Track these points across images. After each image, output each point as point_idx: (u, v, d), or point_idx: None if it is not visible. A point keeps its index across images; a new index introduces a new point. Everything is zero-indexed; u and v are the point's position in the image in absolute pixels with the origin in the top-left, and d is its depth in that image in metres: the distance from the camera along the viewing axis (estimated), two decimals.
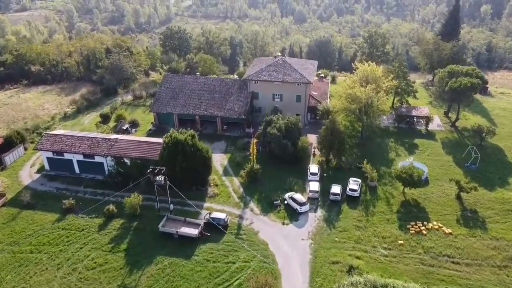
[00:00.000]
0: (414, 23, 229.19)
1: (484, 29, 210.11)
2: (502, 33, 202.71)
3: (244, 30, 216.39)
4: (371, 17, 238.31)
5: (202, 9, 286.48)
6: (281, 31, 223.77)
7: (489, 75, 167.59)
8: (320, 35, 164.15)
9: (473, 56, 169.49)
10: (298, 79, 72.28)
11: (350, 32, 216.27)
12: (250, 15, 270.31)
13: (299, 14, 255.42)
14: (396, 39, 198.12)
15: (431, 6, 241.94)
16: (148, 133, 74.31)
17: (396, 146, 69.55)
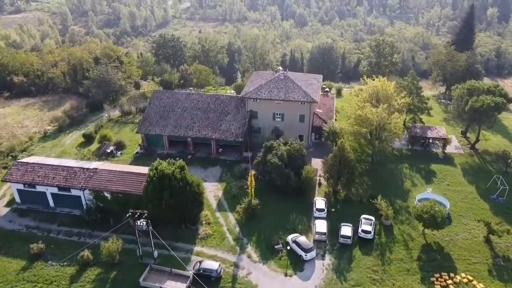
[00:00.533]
0: (418, 27, 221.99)
1: (492, 34, 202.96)
2: (510, 37, 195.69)
3: (243, 34, 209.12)
4: (374, 20, 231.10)
5: (200, 12, 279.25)
6: (282, 35, 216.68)
7: (499, 83, 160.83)
8: (322, 41, 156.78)
9: (482, 62, 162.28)
10: (301, 97, 64.93)
11: (352, 37, 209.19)
12: (250, 18, 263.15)
13: (300, 17, 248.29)
14: (401, 44, 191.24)
15: (435, 9, 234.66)
16: (135, 156, 66.97)
17: (411, 173, 62.21)
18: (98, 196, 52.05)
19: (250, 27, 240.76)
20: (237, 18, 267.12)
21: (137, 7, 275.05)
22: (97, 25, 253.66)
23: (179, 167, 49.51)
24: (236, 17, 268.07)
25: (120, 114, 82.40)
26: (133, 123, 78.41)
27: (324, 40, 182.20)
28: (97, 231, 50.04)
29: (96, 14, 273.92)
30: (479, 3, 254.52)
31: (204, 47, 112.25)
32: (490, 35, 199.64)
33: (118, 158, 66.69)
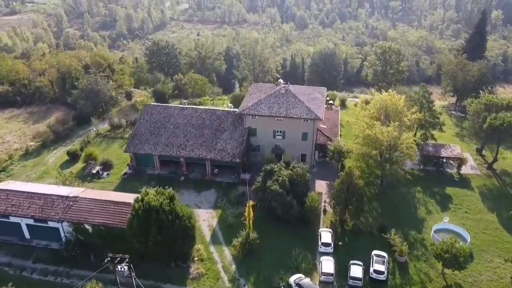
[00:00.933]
0: (422, 30, 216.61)
1: (497, 37, 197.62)
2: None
3: (242, 37, 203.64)
4: (376, 23, 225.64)
5: (198, 14, 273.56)
6: (282, 38, 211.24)
7: (507, 89, 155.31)
8: (324, 46, 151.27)
9: (488, 67, 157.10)
10: (304, 114, 59.45)
11: (354, 40, 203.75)
12: (249, 20, 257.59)
13: (300, 19, 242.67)
14: (404, 48, 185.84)
15: (439, 11, 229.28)
16: (123, 178, 61.48)
17: (425, 197, 56.77)
18: (78, 228, 46.54)
19: (249, 30, 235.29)
20: (236, 20, 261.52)
21: (134, 9, 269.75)
22: (93, 27, 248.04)
23: (168, 197, 43.99)
24: (235, 19, 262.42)
25: (110, 127, 76.93)
26: (123, 138, 72.89)
27: (325, 44, 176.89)
28: (76, 269, 44.69)
29: (93, 15, 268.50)
30: (482, 5, 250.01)
31: (201, 53, 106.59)
32: (496, 39, 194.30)
33: (104, 179, 61.19)
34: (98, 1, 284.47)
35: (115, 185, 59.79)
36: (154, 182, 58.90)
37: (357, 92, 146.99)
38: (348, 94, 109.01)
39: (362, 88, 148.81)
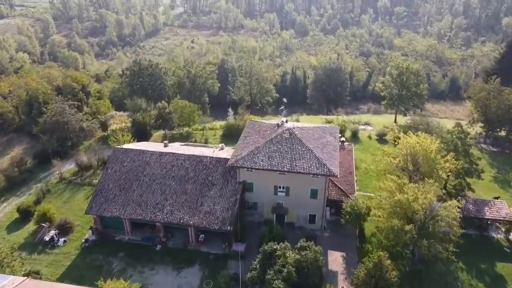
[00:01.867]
0: (429, 38, 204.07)
1: None
2: None
3: (239, 46, 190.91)
4: (381, 30, 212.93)
5: (193, 19, 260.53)
6: (281, 46, 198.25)
7: None
8: (327, 59, 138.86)
9: None
10: (314, 168, 46.46)
11: (358, 49, 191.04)
12: (246, 26, 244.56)
13: (301, 26, 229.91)
14: (412, 59, 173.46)
15: (447, 18, 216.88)
16: (84, 247, 48.47)
17: (470, 279, 43.92)
18: None
19: (247, 37, 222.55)
20: (232, 26, 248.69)
21: (125, 13, 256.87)
22: (82, 34, 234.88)
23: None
24: (232, 25, 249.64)
25: (77, 169, 63.94)
26: (91, 185, 59.89)
27: (328, 56, 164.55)
28: None
29: (82, 20, 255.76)
30: (491, 11, 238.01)
31: (190, 72, 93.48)
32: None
33: (59, 249, 48.15)
34: (89, 6, 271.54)
35: (72, 257, 46.85)
36: (122, 253, 46.35)
37: (364, 109, 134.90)
38: (356, 115, 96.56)
39: (369, 105, 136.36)
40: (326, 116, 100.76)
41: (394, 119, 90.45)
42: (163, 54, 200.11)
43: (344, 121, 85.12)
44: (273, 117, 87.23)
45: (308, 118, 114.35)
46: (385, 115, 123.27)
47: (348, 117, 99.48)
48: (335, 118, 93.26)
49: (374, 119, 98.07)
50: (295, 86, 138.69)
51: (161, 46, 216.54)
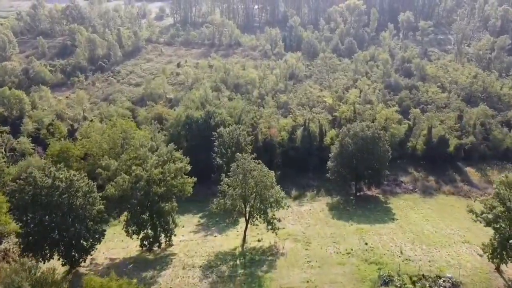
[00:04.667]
0: (469, 64, 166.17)
1: None
2: None
3: (233, 76, 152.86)
4: (407, 53, 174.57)
5: (182, 34, 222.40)
6: (286, 73, 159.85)
7: None
8: (349, 107, 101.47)
9: None
10: None
11: (383, 79, 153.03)
12: (244, 44, 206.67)
13: (308, 45, 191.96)
14: (453, 96, 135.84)
15: (487, 36, 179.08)
16: None
17: None
18: None
19: (245, 60, 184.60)
20: (228, 44, 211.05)
21: (103, 27, 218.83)
22: (50, 54, 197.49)
23: None
24: (227, 42, 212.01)
25: None
26: None
27: (349, 96, 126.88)
28: None
29: (55, 36, 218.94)
30: None
31: (139, 181, 55.16)
32: None
33: None
34: (61, 18, 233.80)
35: None
36: None
37: (407, 185, 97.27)
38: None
39: (412, 173, 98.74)
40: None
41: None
42: (141, 83, 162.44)
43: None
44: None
45: (329, 203, 77.99)
46: (440, 197, 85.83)
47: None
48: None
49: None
50: (307, 148, 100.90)
51: (140, 71, 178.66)
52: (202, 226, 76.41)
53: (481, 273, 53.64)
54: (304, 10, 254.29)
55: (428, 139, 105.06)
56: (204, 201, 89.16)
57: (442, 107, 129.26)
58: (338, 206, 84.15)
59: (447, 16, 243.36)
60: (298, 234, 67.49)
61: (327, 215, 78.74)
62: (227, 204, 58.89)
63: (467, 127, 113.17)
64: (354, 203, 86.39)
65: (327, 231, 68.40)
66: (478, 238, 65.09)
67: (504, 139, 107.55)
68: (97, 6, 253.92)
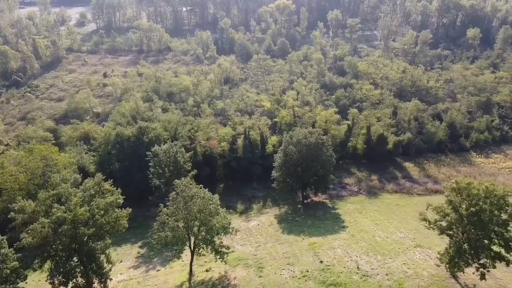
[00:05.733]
0: (399, 60, 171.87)
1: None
2: None
3: (166, 83, 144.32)
4: (338, 51, 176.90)
5: (107, 41, 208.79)
6: (221, 79, 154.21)
7: None
8: (289, 112, 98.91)
9: None
10: None
11: (318, 78, 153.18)
12: (175, 49, 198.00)
13: (241, 47, 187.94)
14: (385, 92, 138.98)
15: (411, 32, 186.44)
16: None
17: None
18: None
19: (177, 66, 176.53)
20: (157, 49, 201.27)
21: (16, 37, 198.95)
22: None
23: None
24: (157, 47, 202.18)
25: None
26: None
27: (287, 99, 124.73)
28: None
29: None
30: (448, 19, 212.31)
31: (62, 224, 47.04)
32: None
33: None
34: None
35: None
36: None
37: (352, 186, 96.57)
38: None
39: (356, 174, 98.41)
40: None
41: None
42: (64, 98, 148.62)
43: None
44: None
45: (277, 215, 74.98)
46: (385, 196, 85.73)
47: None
48: None
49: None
50: (250, 157, 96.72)
51: (62, 84, 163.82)
52: (142, 258, 69.03)
53: (438, 280, 52.51)
54: (233, 11, 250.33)
55: (367, 138, 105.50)
56: (143, 226, 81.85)
57: (377, 103, 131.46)
58: (287, 218, 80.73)
59: (372, 13, 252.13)
60: (249, 257, 62.76)
61: (277, 229, 74.86)
62: (169, 237, 52.63)
63: (402, 123, 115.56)
64: (302, 211, 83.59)
65: (279, 250, 64.40)
66: (428, 239, 64.83)
67: (437, 132, 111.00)
68: (8, 14, 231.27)
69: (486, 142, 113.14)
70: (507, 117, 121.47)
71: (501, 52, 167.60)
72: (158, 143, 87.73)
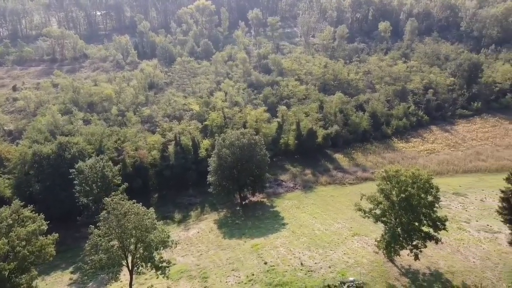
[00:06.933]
0: (320, 55, 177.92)
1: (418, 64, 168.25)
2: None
3: (85, 93, 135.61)
4: (262, 50, 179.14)
5: (14, 52, 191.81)
6: (145, 84, 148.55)
7: None
8: (219, 113, 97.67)
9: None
10: None
11: (245, 78, 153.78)
12: (92, 56, 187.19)
13: (163, 50, 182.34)
14: (310, 89, 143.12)
15: (328, 27, 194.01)
16: None
17: None
18: None
19: (96, 74, 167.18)
20: (72, 57, 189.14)
21: None
22: None
23: None
24: (71, 55, 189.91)
25: None
26: None
27: (218, 99, 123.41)
28: None
29: None
30: (361, 13, 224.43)
31: None
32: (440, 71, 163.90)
33: None
34: None
35: None
36: None
37: (287, 182, 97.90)
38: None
39: (290, 170, 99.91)
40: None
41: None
42: None
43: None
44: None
45: (217, 220, 74.06)
46: (320, 189, 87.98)
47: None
48: None
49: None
50: (183, 163, 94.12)
51: None
52: (76, 284, 63.92)
53: (377, 266, 54.76)
54: (152, 13, 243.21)
55: (298, 134, 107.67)
56: (73, 249, 76.15)
57: (303, 99, 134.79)
58: (227, 222, 79.64)
59: (290, 10, 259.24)
60: (191, 268, 60.71)
61: (217, 235, 73.47)
62: (103, 259, 48.95)
63: (329, 116, 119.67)
64: (242, 213, 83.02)
65: (222, 256, 63.11)
66: (364, 227, 67.42)
67: (361, 122, 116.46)
68: None
69: (405, 128, 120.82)
70: (421, 103, 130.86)
71: (410, 43, 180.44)
72: (82, 159, 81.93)
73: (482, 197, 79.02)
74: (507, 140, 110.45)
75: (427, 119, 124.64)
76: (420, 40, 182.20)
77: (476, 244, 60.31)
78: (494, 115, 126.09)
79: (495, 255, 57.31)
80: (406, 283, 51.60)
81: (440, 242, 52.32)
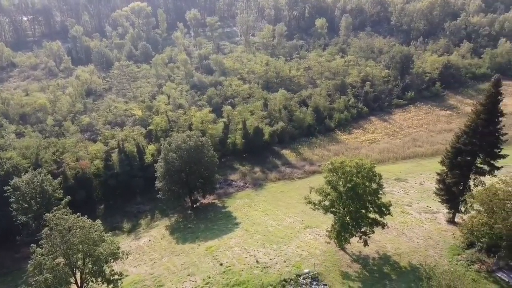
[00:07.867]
0: (260, 53, 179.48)
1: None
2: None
3: (16, 103, 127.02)
4: (203, 51, 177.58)
5: None
6: (82, 91, 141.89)
7: None
8: (163, 118, 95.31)
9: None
10: None
11: (187, 79, 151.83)
12: (21, 64, 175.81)
13: (99, 55, 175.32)
14: (253, 85, 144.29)
15: (267, 26, 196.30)
16: None
17: None
18: None
19: (27, 83, 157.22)
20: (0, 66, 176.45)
21: None
22: None
23: None
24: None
25: None
26: None
27: (159, 104, 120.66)
28: None
29: None
30: (298, 11, 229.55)
31: None
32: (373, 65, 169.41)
33: None
34: None
35: None
36: None
37: (239, 181, 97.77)
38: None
39: (239, 169, 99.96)
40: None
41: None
42: None
43: None
44: None
45: (168, 225, 72.65)
46: (270, 185, 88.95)
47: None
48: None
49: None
50: (128, 171, 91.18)
51: None
52: None
53: (330, 255, 56.35)
54: (85, 17, 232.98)
55: (244, 133, 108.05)
56: (14, 272, 71.22)
57: (247, 98, 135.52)
58: (179, 226, 78.23)
59: (228, 10, 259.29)
60: (145, 278, 58.96)
61: (170, 241, 71.95)
62: (48, 279, 46.02)
63: (274, 113, 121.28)
64: (194, 217, 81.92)
65: (176, 262, 61.88)
66: (315, 219, 68.98)
67: (305, 117, 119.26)
68: None
69: (346, 120, 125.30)
70: (359, 96, 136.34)
71: (345, 38, 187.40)
72: (18, 174, 76.71)
73: (421, 180, 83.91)
74: (439, 125, 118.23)
75: (366, 110, 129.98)
76: (355, 35, 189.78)
77: (418, 225, 63.91)
78: (426, 103, 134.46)
79: (436, 233, 61.10)
80: (358, 269, 53.55)
81: (386, 227, 54.83)
